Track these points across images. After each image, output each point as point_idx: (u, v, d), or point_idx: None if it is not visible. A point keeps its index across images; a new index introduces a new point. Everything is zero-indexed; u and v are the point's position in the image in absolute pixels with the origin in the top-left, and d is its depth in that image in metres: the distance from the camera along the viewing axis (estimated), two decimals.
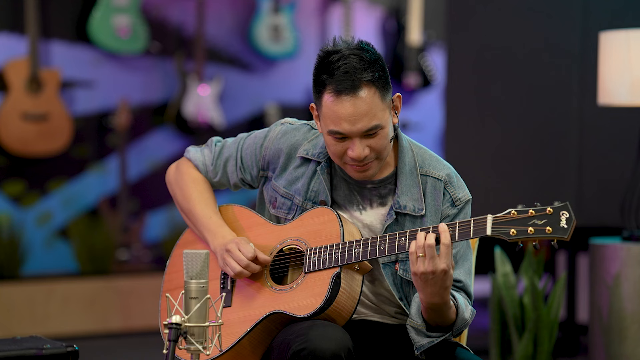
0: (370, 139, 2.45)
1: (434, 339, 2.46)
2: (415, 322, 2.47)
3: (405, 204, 2.54)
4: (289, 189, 2.62)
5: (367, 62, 2.44)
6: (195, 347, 2.22)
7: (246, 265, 2.54)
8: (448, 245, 2.36)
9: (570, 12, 4.96)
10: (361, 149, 2.45)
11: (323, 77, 2.45)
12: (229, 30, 6.70)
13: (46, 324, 5.64)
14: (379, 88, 2.44)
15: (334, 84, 2.43)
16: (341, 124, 2.43)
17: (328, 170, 2.60)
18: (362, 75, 2.42)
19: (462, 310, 2.48)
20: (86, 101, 6.21)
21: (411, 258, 2.38)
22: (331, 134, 2.46)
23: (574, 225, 2.29)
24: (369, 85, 2.43)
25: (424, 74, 7.17)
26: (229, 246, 2.58)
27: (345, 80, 2.42)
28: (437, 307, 2.42)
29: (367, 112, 2.43)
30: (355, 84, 2.42)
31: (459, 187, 2.58)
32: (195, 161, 2.76)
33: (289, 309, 2.48)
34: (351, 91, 2.42)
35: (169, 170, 2.82)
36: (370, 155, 2.47)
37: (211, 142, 2.78)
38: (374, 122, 2.43)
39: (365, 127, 2.43)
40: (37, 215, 6.08)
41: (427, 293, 2.39)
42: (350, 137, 2.45)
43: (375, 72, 2.44)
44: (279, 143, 2.65)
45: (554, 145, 4.97)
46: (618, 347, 4.05)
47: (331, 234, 2.51)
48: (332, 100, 2.44)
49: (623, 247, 4.05)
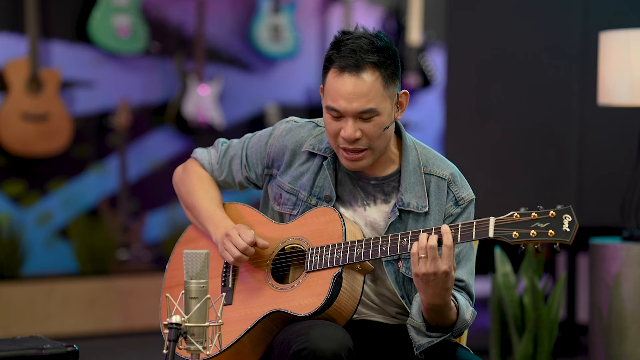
0: (364, 123, 2.46)
1: (434, 339, 2.46)
2: (415, 321, 2.48)
3: (409, 202, 2.54)
4: (294, 184, 2.63)
5: (377, 47, 2.46)
6: (195, 347, 2.22)
7: (244, 249, 2.55)
8: (450, 246, 2.36)
9: (570, 12, 4.96)
10: (352, 130, 2.46)
11: (331, 52, 2.48)
12: (229, 30, 6.70)
13: (46, 324, 5.64)
14: (383, 75, 2.45)
15: (339, 60, 2.45)
16: (338, 100, 2.46)
17: (334, 166, 2.61)
18: (368, 57, 2.44)
19: (462, 311, 2.48)
20: (86, 101, 6.21)
21: (413, 259, 2.38)
22: (328, 110, 2.49)
23: (577, 228, 2.28)
24: (372, 68, 2.44)
25: (424, 74, 7.17)
26: (229, 231, 2.58)
27: (350, 57, 2.44)
28: (438, 307, 2.42)
29: (365, 94, 2.44)
30: (360, 63, 2.44)
31: (463, 187, 2.59)
32: (201, 160, 2.78)
33: (289, 308, 2.48)
34: (354, 69, 2.44)
35: (176, 171, 2.84)
36: (362, 141, 2.48)
37: (217, 143, 2.80)
38: (370, 105, 2.45)
39: (360, 107, 2.45)
40: (37, 215, 6.08)
41: (428, 294, 2.40)
42: (345, 116, 2.46)
43: (381, 58, 2.45)
44: (284, 140, 2.66)
45: (554, 145, 4.97)
46: (618, 347, 4.05)
47: (333, 233, 2.51)
48: (335, 77, 2.46)
49: (623, 247, 4.05)
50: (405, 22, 7.11)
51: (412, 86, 7.13)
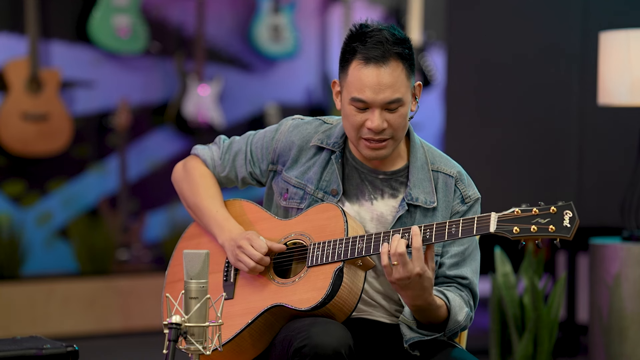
0: (389, 114, 2.49)
1: (424, 336, 2.48)
2: (407, 318, 2.50)
3: (417, 196, 2.56)
4: (301, 178, 2.64)
5: (399, 39, 2.49)
6: (195, 347, 2.22)
7: (259, 260, 2.55)
8: (418, 248, 2.37)
9: (570, 12, 4.96)
10: (380, 121, 2.47)
11: (354, 44, 2.49)
12: (229, 30, 6.70)
13: (46, 324, 5.64)
14: (406, 66, 2.49)
15: (365, 51, 2.47)
16: (365, 91, 2.47)
17: (341, 160, 2.61)
18: (394, 48, 2.47)
19: (454, 312, 2.49)
20: (86, 101, 6.21)
21: (385, 270, 2.39)
22: (353, 101, 2.49)
23: (577, 224, 2.29)
24: (397, 59, 2.47)
25: (424, 74, 7.17)
26: (240, 242, 2.58)
27: (377, 48, 2.46)
28: (421, 308, 2.44)
29: (392, 84, 2.46)
30: (386, 54, 2.46)
31: (470, 185, 2.61)
32: (203, 157, 2.77)
33: (290, 302, 2.49)
34: (381, 60, 2.46)
35: (176, 168, 2.82)
36: (387, 131, 2.50)
37: (219, 140, 2.79)
38: (397, 95, 2.47)
39: (388, 98, 2.47)
40: (37, 215, 6.08)
41: (408, 296, 2.42)
42: (371, 107, 2.47)
43: (405, 49, 2.48)
44: (291, 136, 2.67)
45: (554, 145, 4.97)
46: (618, 347, 4.05)
47: (335, 229, 2.52)
48: (360, 68, 2.47)
49: (623, 247, 4.05)
50: (405, 22, 7.10)
51: None
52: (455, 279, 2.56)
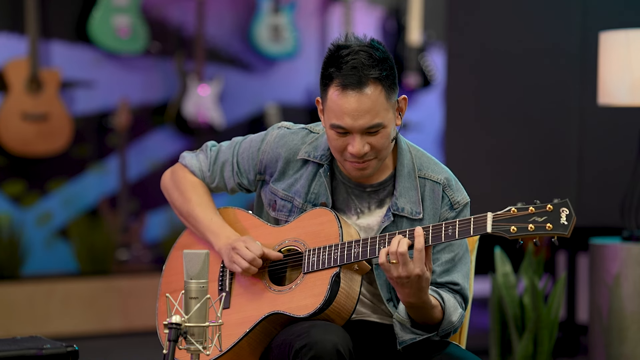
0: (371, 137, 2.45)
1: (417, 336, 2.47)
2: (401, 317, 2.49)
3: (403, 207, 2.54)
4: (288, 191, 2.62)
5: (376, 60, 2.44)
6: (195, 347, 2.22)
7: (252, 260, 2.54)
8: (421, 250, 2.36)
9: (570, 12, 4.96)
10: (361, 146, 2.45)
11: (331, 70, 2.46)
12: (229, 30, 6.70)
13: (46, 324, 5.64)
14: (385, 87, 2.44)
15: (341, 77, 2.43)
16: (344, 118, 2.44)
17: (329, 173, 2.60)
18: (370, 72, 2.42)
19: (449, 312, 2.48)
20: (86, 101, 6.21)
21: (383, 267, 2.39)
22: (333, 127, 2.47)
23: (574, 221, 2.29)
24: (375, 82, 2.43)
25: (424, 74, 7.17)
26: (236, 244, 2.58)
27: (352, 75, 2.42)
28: (415, 306, 2.44)
29: (370, 109, 2.43)
30: (362, 80, 2.42)
31: (458, 190, 2.58)
32: (191, 167, 2.76)
33: (288, 310, 2.48)
34: (357, 87, 2.42)
35: (164, 176, 2.81)
36: (370, 153, 2.47)
37: (206, 147, 2.77)
38: (377, 120, 2.44)
39: (367, 124, 2.43)
40: (37, 215, 6.08)
41: (404, 293, 2.41)
42: (352, 132, 2.45)
43: (383, 71, 2.44)
44: (277, 147, 2.64)
45: (554, 145, 4.97)
46: (618, 347, 4.05)
47: (330, 234, 2.51)
48: (338, 94, 2.44)
49: (623, 247, 4.05)
50: (405, 22, 7.11)
51: (412, 86, 7.13)
52: (446, 285, 2.55)
